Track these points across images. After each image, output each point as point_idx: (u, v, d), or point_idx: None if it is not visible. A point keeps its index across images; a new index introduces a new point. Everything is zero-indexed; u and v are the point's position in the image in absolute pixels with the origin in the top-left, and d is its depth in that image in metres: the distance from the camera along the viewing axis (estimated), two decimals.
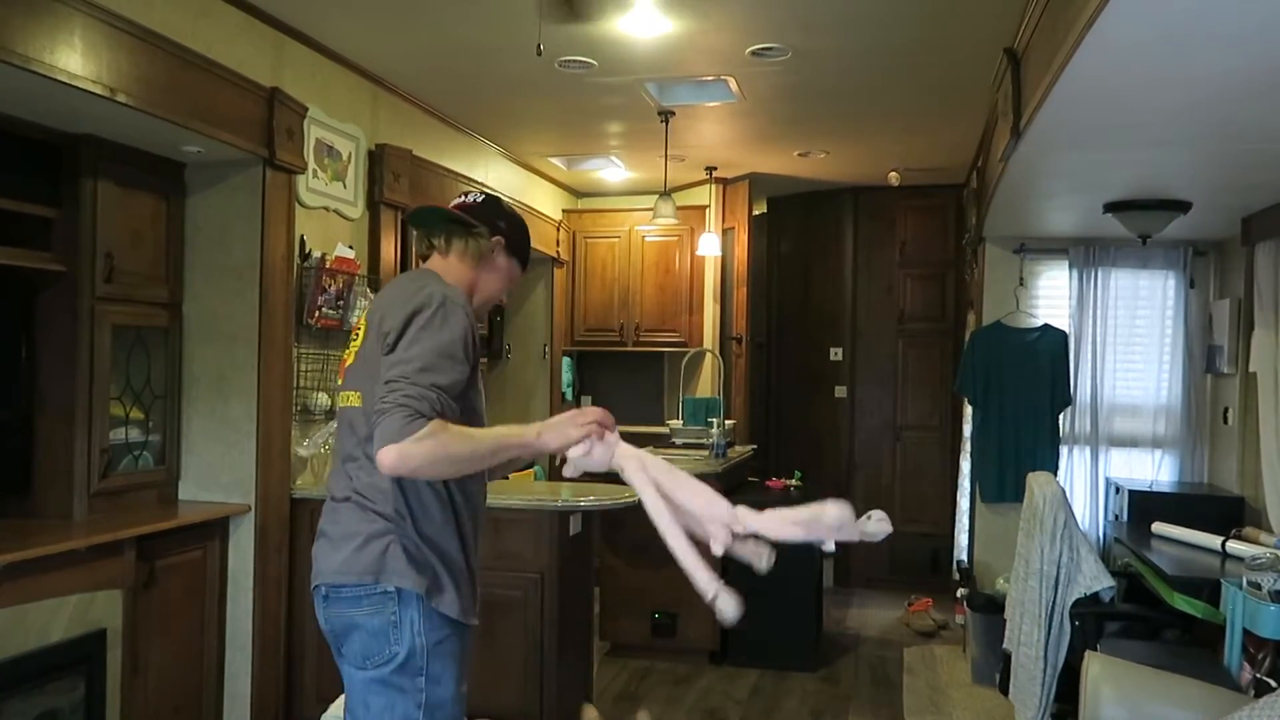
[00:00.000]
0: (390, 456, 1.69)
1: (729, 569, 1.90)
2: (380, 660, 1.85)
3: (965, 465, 5.53)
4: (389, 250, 4.44)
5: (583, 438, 1.83)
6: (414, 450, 1.69)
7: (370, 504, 1.89)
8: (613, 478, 1.99)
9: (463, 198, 2.17)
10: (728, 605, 1.73)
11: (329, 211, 4.07)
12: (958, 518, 5.77)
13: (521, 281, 2.36)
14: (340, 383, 2.05)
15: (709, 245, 6.17)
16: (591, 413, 1.86)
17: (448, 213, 2.11)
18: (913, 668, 4.89)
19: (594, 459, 1.87)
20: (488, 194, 2.27)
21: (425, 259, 2.13)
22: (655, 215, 5.41)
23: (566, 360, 6.98)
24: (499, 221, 2.13)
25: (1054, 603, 3.36)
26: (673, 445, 5.72)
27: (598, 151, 5.90)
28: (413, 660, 1.85)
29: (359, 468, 1.93)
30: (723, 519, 1.82)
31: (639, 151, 5.81)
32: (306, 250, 3.89)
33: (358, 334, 2.02)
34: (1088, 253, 4.97)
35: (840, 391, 6.87)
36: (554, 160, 6.11)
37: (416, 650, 1.85)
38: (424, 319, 1.84)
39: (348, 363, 2.03)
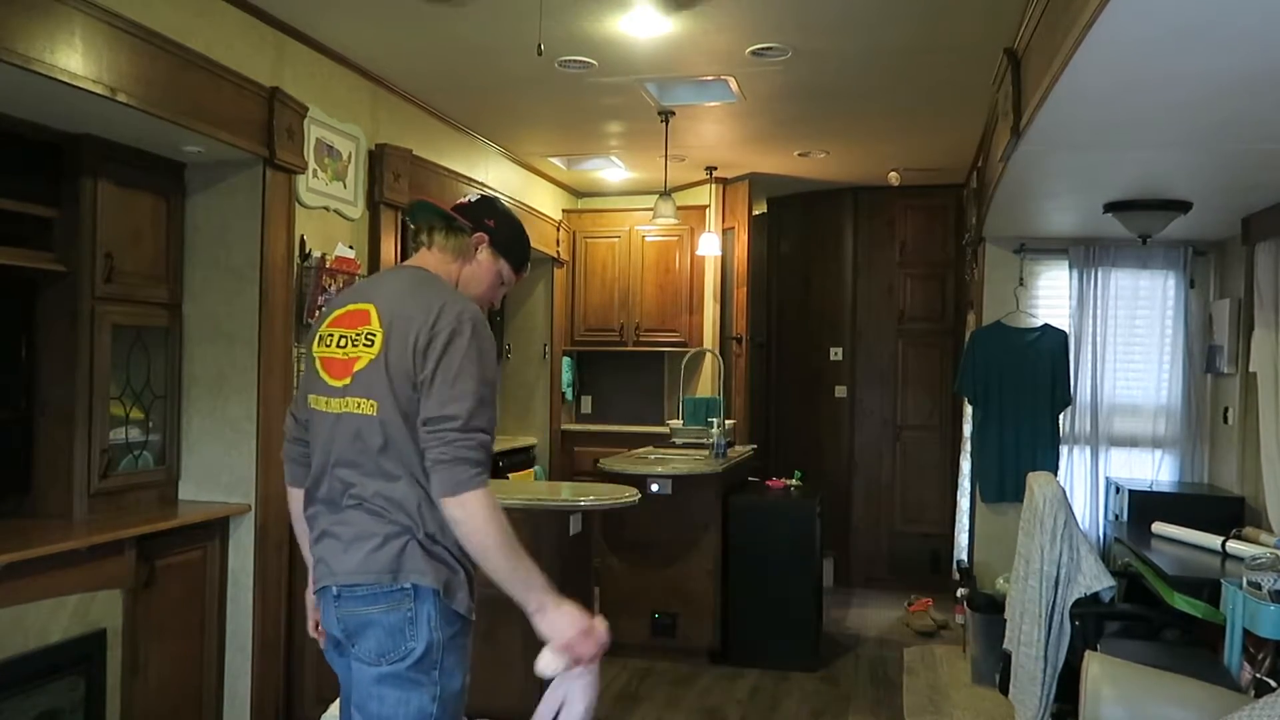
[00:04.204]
0: (451, 510, 1.82)
1: (731, 566, 1.91)
2: (396, 656, 1.86)
3: (965, 465, 5.53)
4: (389, 250, 4.44)
5: (568, 659, 1.84)
6: (473, 513, 1.81)
7: (383, 511, 1.89)
8: (616, 477, 1.99)
9: (463, 199, 2.20)
10: None
11: (329, 211, 4.07)
12: (958, 518, 5.77)
13: (518, 285, 2.31)
14: (344, 382, 1.93)
15: (709, 245, 6.17)
16: (593, 650, 1.85)
17: (436, 207, 2.14)
18: (913, 668, 4.89)
19: (561, 684, 1.86)
20: (485, 194, 2.28)
21: (416, 251, 2.15)
22: (655, 215, 5.42)
23: (566, 360, 6.98)
24: (486, 219, 2.13)
25: (1054, 603, 3.35)
26: (673, 445, 5.73)
27: (598, 151, 5.90)
28: (429, 655, 1.87)
29: (363, 475, 1.91)
30: None
31: (639, 151, 5.81)
32: (306, 250, 3.89)
33: (372, 338, 1.92)
34: (1088, 253, 4.97)
35: (840, 391, 6.87)
36: (554, 160, 6.12)
37: (433, 645, 1.87)
38: (462, 348, 1.85)
39: (359, 365, 1.93)
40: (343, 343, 1.98)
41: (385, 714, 1.87)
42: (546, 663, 1.85)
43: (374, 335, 1.93)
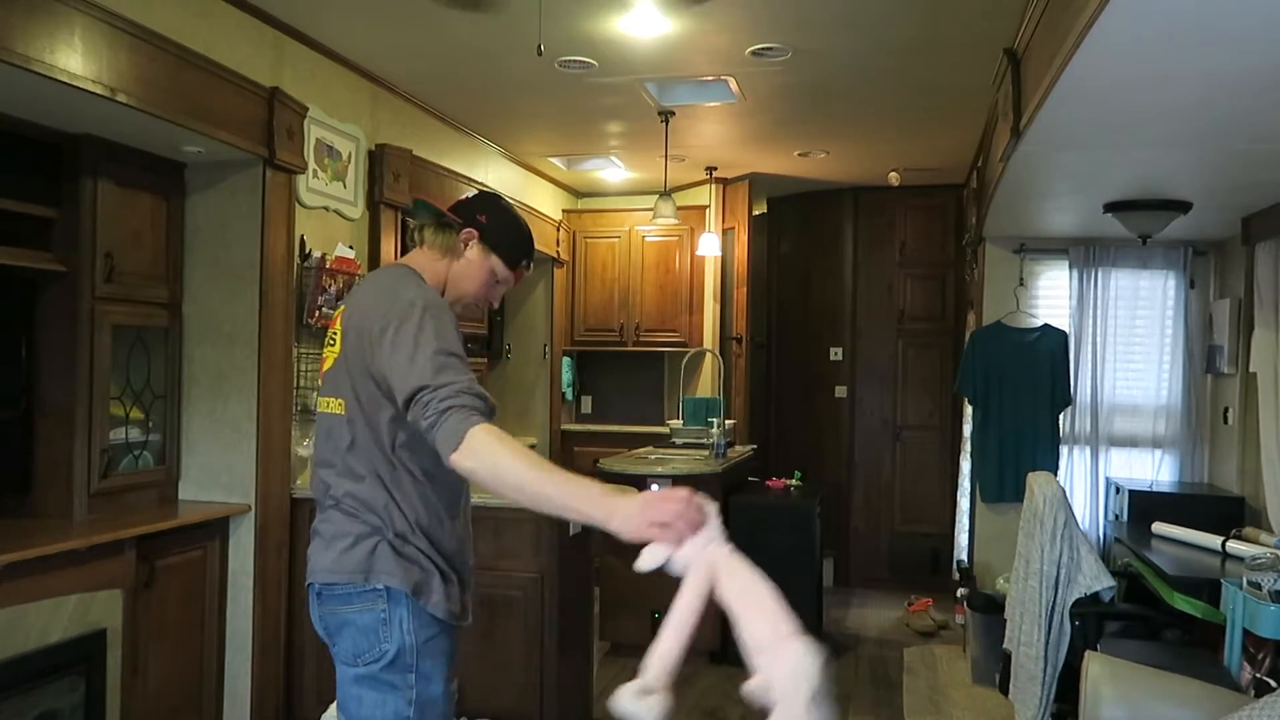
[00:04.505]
0: (461, 462, 1.65)
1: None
2: (371, 658, 1.86)
3: (965, 465, 5.53)
4: (389, 250, 4.44)
5: (655, 538, 1.54)
6: (478, 450, 1.64)
7: (356, 512, 1.91)
8: (616, 478, 1.98)
9: (462, 197, 2.19)
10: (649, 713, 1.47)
11: (329, 211, 4.07)
12: (958, 518, 5.77)
13: (519, 285, 2.28)
14: (322, 384, 2.02)
15: (709, 245, 6.17)
16: (676, 508, 1.53)
17: (432, 206, 2.12)
18: (913, 668, 4.88)
19: (674, 566, 1.54)
20: (482, 191, 2.26)
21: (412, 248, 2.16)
22: (655, 215, 5.41)
23: (566, 360, 6.98)
24: (478, 215, 2.08)
25: (1054, 603, 3.35)
26: (673, 445, 5.72)
27: (598, 151, 5.90)
28: (402, 658, 1.86)
29: (336, 475, 1.93)
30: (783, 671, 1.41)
31: (639, 151, 5.81)
32: (306, 250, 3.89)
33: (334, 338, 1.98)
34: (1088, 253, 4.97)
35: (840, 391, 6.87)
36: (554, 160, 6.11)
37: (406, 648, 1.86)
38: (412, 329, 1.79)
39: (326, 366, 2.00)
40: (328, 343, 2.05)
41: (364, 715, 1.88)
42: (645, 557, 1.55)
43: (336, 335, 1.99)
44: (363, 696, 1.87)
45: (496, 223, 2.11)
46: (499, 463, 1.64)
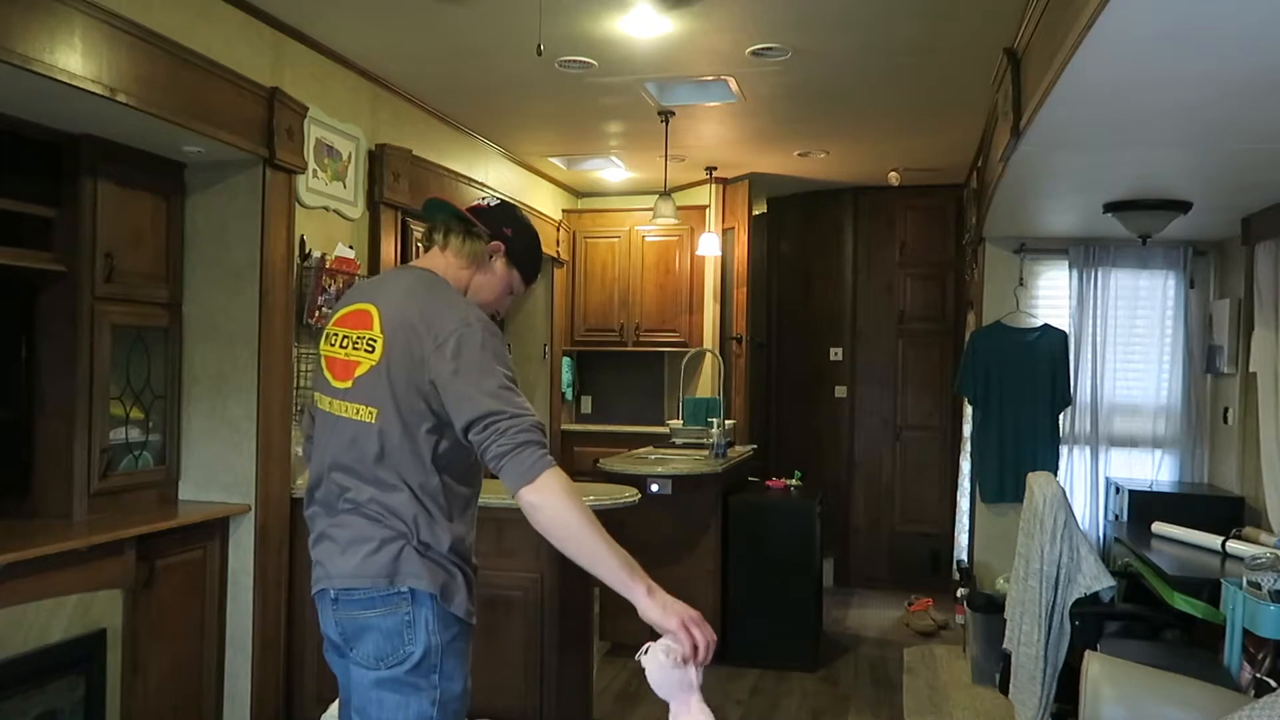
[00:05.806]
0: (528, 496, 1.77)
1: (731, 566, 1.89)
2: (395, 660, 1.85)
3: (965, 465, 5.53)
4: (389, 250, 4.44)
5: (674, 635, 1.75)
6: (548, 491, 1.77)
7: (380, 516, 1.88)
8: (616, 478, 1.97)
9: (480, 202, 2.17)
10: None
11: (329, 211, 4.07)
12: (958, 518, 5.77)
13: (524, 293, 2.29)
14: (345, 385, 1.93)
15: (709, 245, 6.17)
16: (703, 633, 1.75)
17: (454, 209, 2.10)
18: (913, 668, 4.89)
19: (659, 677, 1.74)
20: (504, 201, 2.24)
21: (426, 250, 2.12)
22: (655, 215, 5.41)
23: (566, 360, 6.98)
24: (504, 228, 2.09)
25: (1054, 603, 3.35)
26: (673, 445, 5.72)
27: (598, 151, 5.90)
28: (428, 659, 1.86)
29: (360, 481, 1.90)
30: None
31: (639, 151, 5.81)
32: (306, 250, 3.89)
33: (374, 345, 1.90)
34: (1088, 253, 4.97)
35: (840, 391, 6.87)
36: (554, 160, 6.11)
37: (432, 649, 1.86)
38: (475, 351, 1.83)
39: (359, 370, 1.91)
40: (344, 343, 1.97)
41: (385, 718, 1.87)
42: (654, 654, 1.74)
43: (375, 341, 1.92)
44: (384, 700, 1.86)
45: (520, 238, 2.12)
46: (565, 509, 1.78)
